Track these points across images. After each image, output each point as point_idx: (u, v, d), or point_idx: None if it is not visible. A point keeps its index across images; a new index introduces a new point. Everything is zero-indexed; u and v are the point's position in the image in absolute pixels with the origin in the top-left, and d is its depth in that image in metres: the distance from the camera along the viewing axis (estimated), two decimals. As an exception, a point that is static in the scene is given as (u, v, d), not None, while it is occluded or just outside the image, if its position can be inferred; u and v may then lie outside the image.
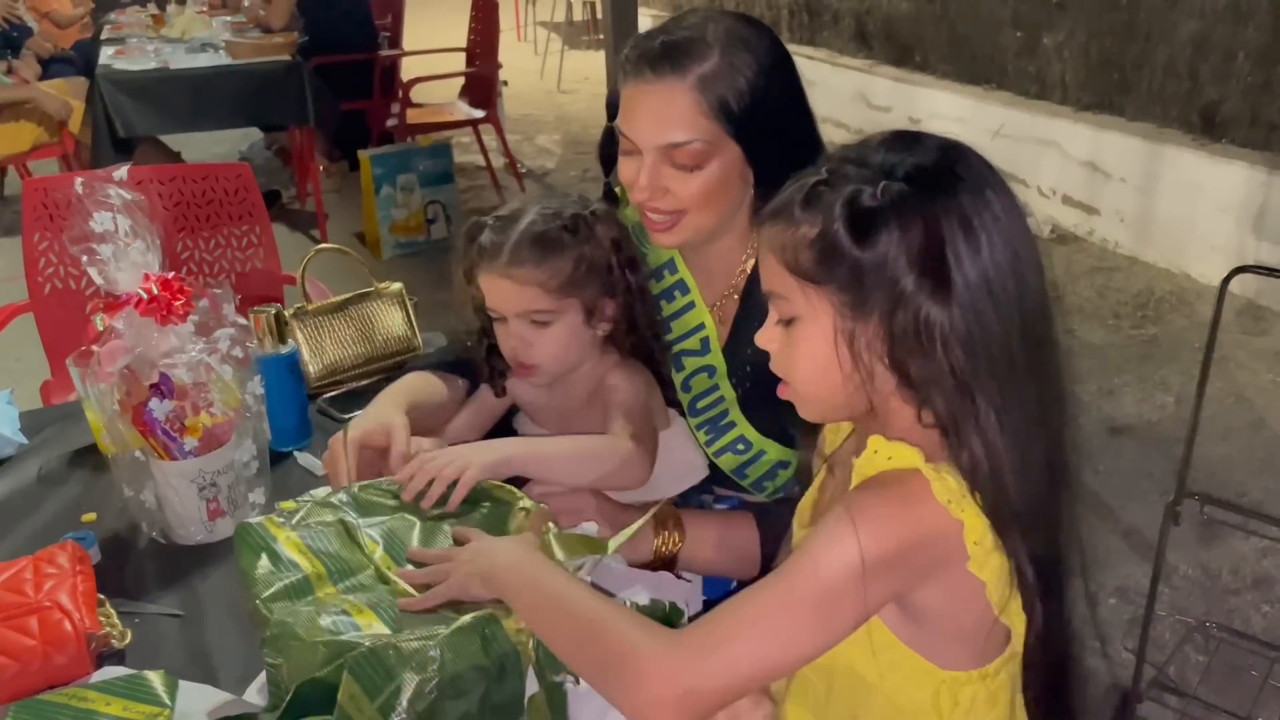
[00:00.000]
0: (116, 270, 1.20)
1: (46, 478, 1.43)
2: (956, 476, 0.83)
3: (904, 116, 5.55)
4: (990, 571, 0.83)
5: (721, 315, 1.35)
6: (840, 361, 0.85)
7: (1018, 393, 0.83)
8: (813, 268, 0.85)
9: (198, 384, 1.23)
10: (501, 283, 1.25)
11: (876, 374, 0.85)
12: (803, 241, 0.85)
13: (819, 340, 0.86)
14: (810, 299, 0.86)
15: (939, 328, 0.81)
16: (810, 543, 0.83)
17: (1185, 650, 2.19)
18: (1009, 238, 0.83)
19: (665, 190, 1.21)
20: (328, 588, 1.03)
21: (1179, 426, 2.81)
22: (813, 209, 0.85)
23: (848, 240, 0.82)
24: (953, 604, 0.85)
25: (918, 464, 0.82)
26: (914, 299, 0.81)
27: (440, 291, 1.28)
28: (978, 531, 0.81)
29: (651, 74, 1.18)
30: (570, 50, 8.44)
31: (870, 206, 0.82)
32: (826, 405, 0.92)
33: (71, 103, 4.71)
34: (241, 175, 2.39)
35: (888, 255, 0.81)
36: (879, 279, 0.82)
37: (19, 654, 1.00)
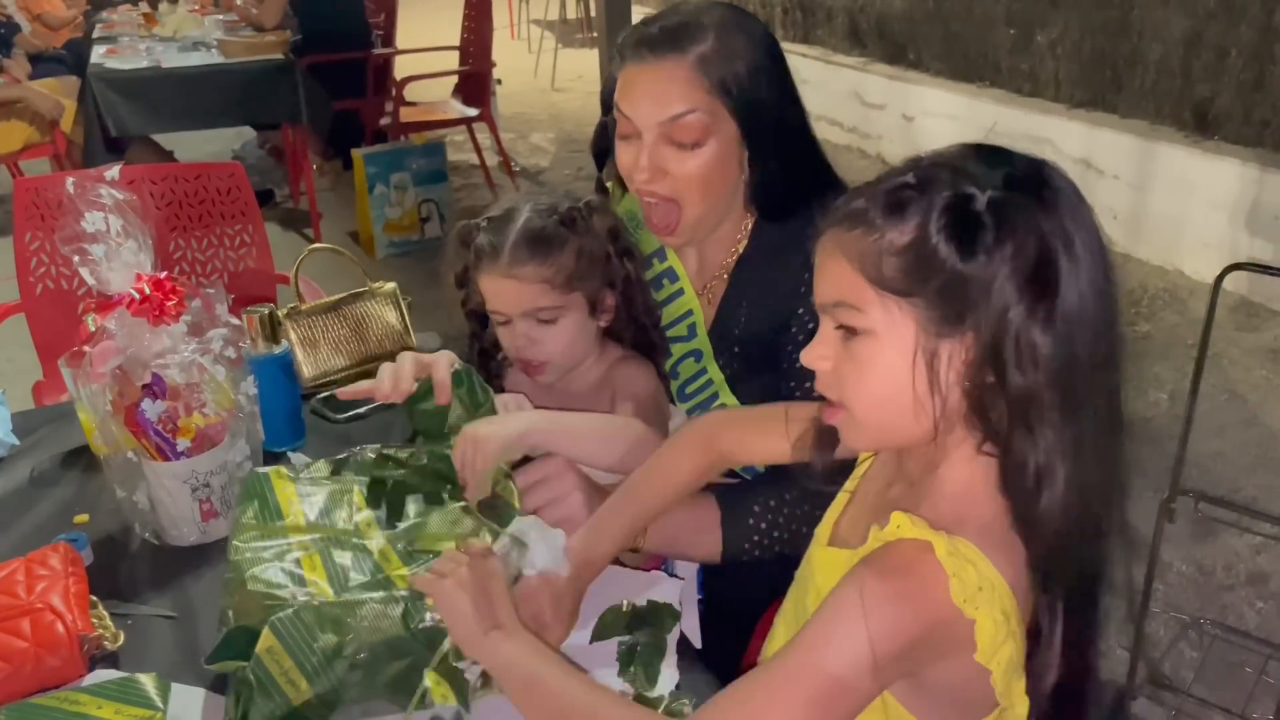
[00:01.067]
0: (108, 270, 1.20)
1: (39, 479, 1.42)
2: (979, 562, 0.78)
3: (898, 114, 5.56)
4: (999, 662, 0.78)
5: (710, 297, 1.37)
6: (915, 382, 0.79)
7: (1089, 425, 0.78)
8: (901, 278, 0.78)
9: (190, 384, 1.23)
10: (505, 283, 1.24)
11: (951, 398, 0.79)
12: (890, 249, 0.78)
13: (894, 358, 0.79)
14: (890, 312, 0.79)
15: (1037, 352, 0.75)
16: (818, 629, 0.79)
17: (1179, 647, 2.19)
18: (1101, 261, 0.78)
19: (664, 172, 1.22)
20: (301, 534, 1.08)
21: (1173, 423, 2.81)
22: (898, 216, 0.78)
23: (948, 249, 0.76)
24: (952, 683, 0.81)
25: (938, 550, 0.77)
26: (1016, 319, 0.75)
27: (434, 290, 1.27)
28: (990, 629, 0.77)
29: (651, 55, 1.21)
30: (564, 48, 8.43)
31: (976, 213, 0.76)
32: (886, 430, 0.84)
33: (63, 102, 4.69)
34: (234, 175, 2.38)
35: (995, 269, 0.75)
36: (981, 294, 0.75)
37: (11, 656, 0.99)
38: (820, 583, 0.93)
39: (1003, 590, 0.79)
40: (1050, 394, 0.76)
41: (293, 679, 0.93)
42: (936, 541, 0.78)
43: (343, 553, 1.08)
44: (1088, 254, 0.77)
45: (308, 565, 1.05)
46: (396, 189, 4.56)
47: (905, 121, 5.53)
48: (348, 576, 1.05)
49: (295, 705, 0.94)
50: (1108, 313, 0.78)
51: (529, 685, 0.88)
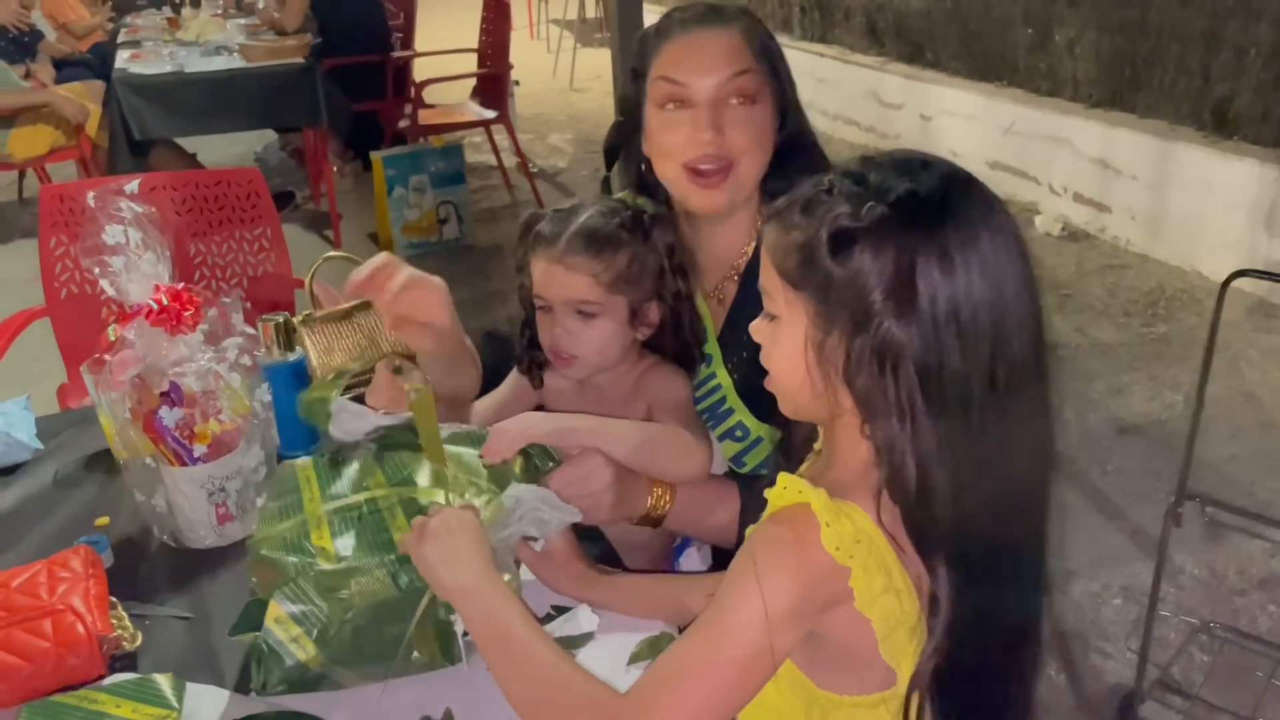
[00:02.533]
0: (128, 282, 1.23)
1: (62, 482, 1.46)
2: (859, 518, 0.85)
3: (915, 114, 5.55)
4: (878, 611, 0.85)
5: (720, 297, 1.39)
6: (808, 367, 0.88)
7: (969, 430, 0.84)
8: (794, 273, 0.87)
9: (207, 392, 1.26)
10: (554, 269, 1.27)
11: (836, 386, 0.88)
12: (791, 246, 0.88)
13: (792, 344, 0.89)
14: (790, 302, 0.89)
15: (895, 350, 0.83)
16: (721, 598, 0.86)
17: (1190, 651, 2.19)
18: (995, 280, 0.84)
19: (722, 132, 1.27)
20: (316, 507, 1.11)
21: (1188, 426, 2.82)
22: (806, 216, 0.87)
23: (825, 253, 0.85)
24: (839, 635, 0.87)
25: (815, 505, 0.85)
26: (876, 319, 0.83)
27: (452, 292, 1.30)
28: (864, 578, 0.84)
29: (700, 25, 1.31)
30: (583, 48, 8.45)
31: (850, 226, 0.84)
32: (796, 405, 0.94)
33: (88, 106, 4.76)
34: (253, 180, 2.42)
35: (858, 274, 0.83)
36: (847, 295, 0.84)
37: (33, 655, 1.03)
38: None
39: (884, 547, 0.85)
40: (921, 391, 0.83)
41: (302, 644, 1.00)
42: (813, 497, 0.85)
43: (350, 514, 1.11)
44: (975, 270, 0.83)
45: (316, 535, 1.08)
46: (415, 191, 4.61)
47: (923, 121, 5.52)
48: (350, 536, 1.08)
49: (310, 668, 1.00)
50: (998, 328, 0.84)
51: (498, 639, 0.94)
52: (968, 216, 0.85)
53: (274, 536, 1.07)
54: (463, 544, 0.99)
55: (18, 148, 4.57)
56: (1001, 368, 0.84)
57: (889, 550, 0.86)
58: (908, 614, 0.87)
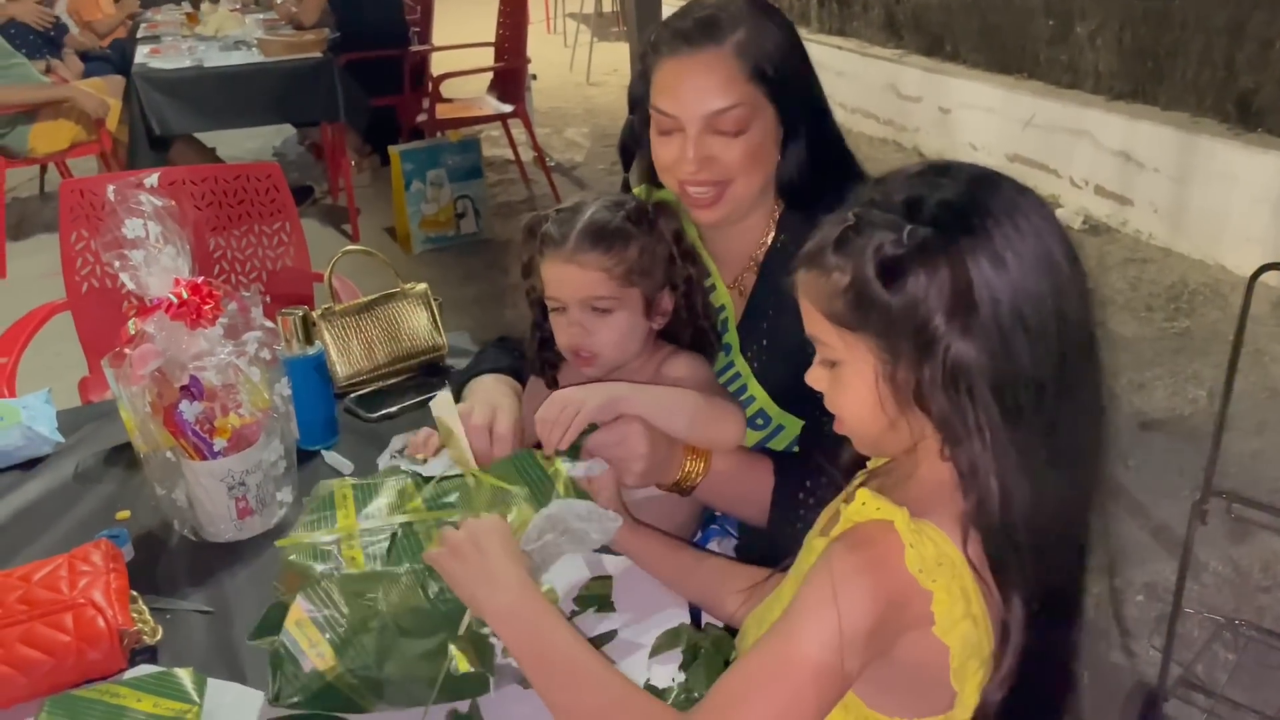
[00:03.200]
0: (148, 276, 1.24)
1: (82, 475, 1.47)
2: (940, 540, 0.83)
3: (934, 106, 5.51)
4: (956, 637, 0.83)
5: (741, 289, 1.39)
6: (884, 403, 0.86)
7: (1044, 432, 0.82)
8: (848, 315, 0.85)
9: (227, 386, 1.26)
10: (566, 269, 1.27)
11: (913, 415, 0.85)
12: (836, 290, 0.85)
13: (860, 385, 0.87)
14: (850, 345, 0.86)
15: (967, 370, 0.81)
16: (794, 614, 0.84)
17: (1214, 648, 2.17)
18: (1048, 266, 0.82)
19: (712, 160, 1.25)
20: (352, 523, 1.10)
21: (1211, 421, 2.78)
22: (843, 256, 0.85)
23: (877, 287, 0.82)
24: (912, 659, 0.85)
25: (899, 524, 0.82)
26: (944, 339, 0.81)
27: (469, 286, 1.30)
28: (946, 602, 0.81)
29: (689, 47, 1.24)
30: (600, 42, 8.43)
31: (896, 254, 0.82)
32: (874, 443, 0.92)
33: (109, 101, 4.78)
34: (272, 175, 2.42)
35: (917, 299, 0.81)
36: (910, 323, 0.82)
37: (54, 649, 1.03)
38: (800, 567, 0.97)
39: (964, 571, 0.83)
40: (996, 403, 0.81)
41: (321, 651, 0.97)
42: (896, 516, 0.83)
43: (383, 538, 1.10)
44: (1027, 262, 0.81)
45: (347, 548, 1.07)
46: (432, 185, 4.61)
47: (942, 114, 5.48)
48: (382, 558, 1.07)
49: (328, 679, 0.97)
50: (1059, 316, 0.82)
51: (546, 660, 0.92)
52: (1005, 210, 0.83)
53: (305, 545, 1.07)
54: (496, 561, 0.97)
55: (39, 142, 4.59)
56: (1070, 353, 0.83)
57: (969, 575, 0.83)
58: (982, 642, 0.85)
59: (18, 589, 1.09)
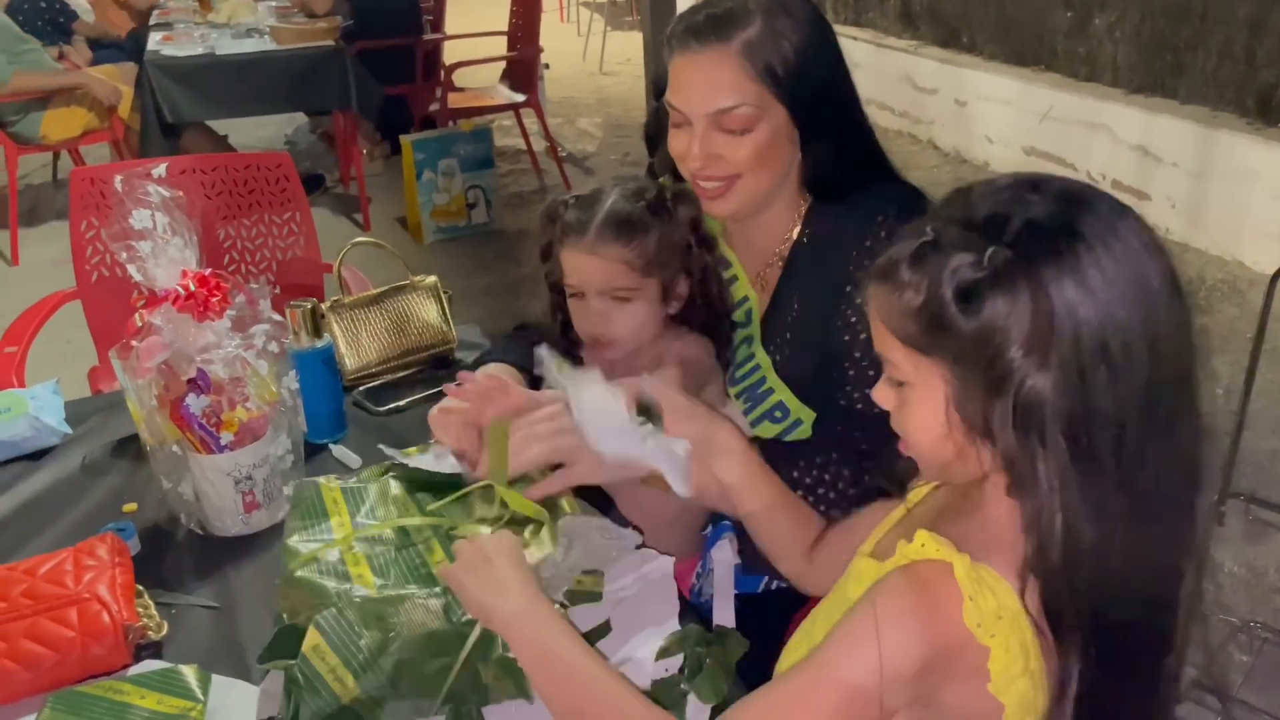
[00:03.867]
0: (155, 267, 1.22)
1: (89, 467, 1.46)
2: (1002, 592, 0.78)
3: (950, 99, 5.46)
4: (1013, 696, 0.78)
5: (764, 283, 1.37)
6: (952, 431, 0.81)
7: (1121, 478, 0.77)
8: (920, 338, 0.80)
9: (234, 379, 1.25)
10: (587, 260, 1.27)
11: (985, 446, 0.81)
12: (908, 310, 0.80)
13: (930, 410, 0.82)
14: (919, 367, 0.82)
15: (1040, 410, 0.76)
16: (836, 642, 0.81)
17: (1228, 650, 2.15)
18: (1143, 295, 0.76)
19: (718, 156, 1.24)
20: (346, 530, 1.10)
21: (1228, 420, 2.74)
22: (918, 274, 0.80)
23: (953, 311, 0.77)
24: (961, 712, 0.81)
25: (958, 572, 0.78)
26: (1018, 373, 0.76)
27: (480, 276, 1.30)
28: (1004, 659, 0.77)
29: (697, 44, 1.22)
30: (613, 31, 8.40)
31: (975, 278, 0.77)
32: (944, 472, 0.88)
33: (121, 88, 4.78)
34: (282, 164, 2.41)
35: (993, 327, 0.76)
36: (984, 352, 0.77)
37: (58, 645, 1.02)
38: (850, 591, 0.93)
39: (1024, 624, 0.78)
40: (1069, 444, 0.76)
41: (340, 676, 0.94)
42: (957, 562, 0.78)
43: (385, 548, 1.09)
44: (1119, 290, 0.76)
45: (351, 561, 1.06)
46: (444, 175, 4.59)
47: (958, 106, 5.43)
48: (390, 571, 1.06)
49: (345, 702, 0.94)
50: (1151, 350, 0.76)
51: (549, 664, 0.91)
52: (1098, 233, 0.76)
53: (308, 558, 1.05)
54: (503, 569, 0.96)
55: (52, 129, 4.59)
56: (1160, 391, 0.77)
57: (1029, 628, 0.79)
58: (1037, 699, 0.80)
59: (22, 583, 1.08)
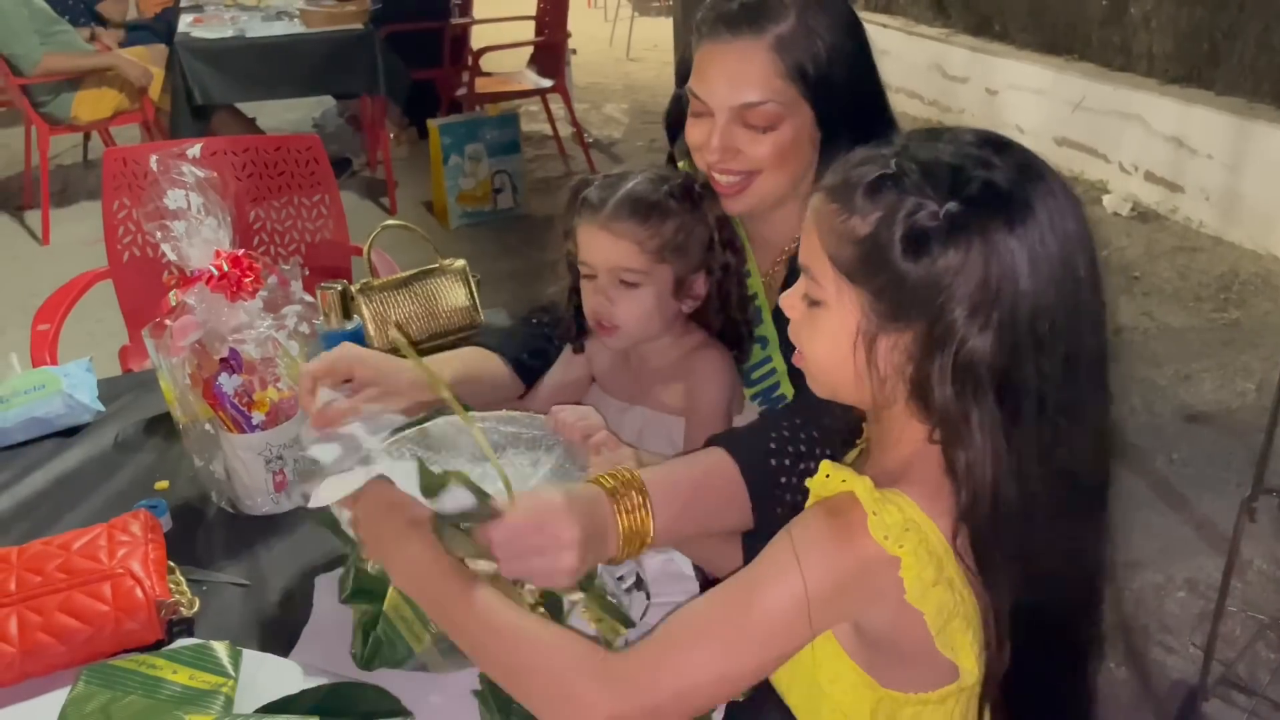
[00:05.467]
0: (189, 247, 1.23)
1: (122, 445, 1.48)
2: (906, 506, 0.81)
3: (981, 87, 5.41)
4: (930, 604, 0.81)
5: (772, 282, 1.35)
6: (855, 361, 0.83)
7: (1042, 444, 0.80)
8: (853, 265, 0.81)
9: (265, 359, 1.26)
10: (599, 235, 1.25)
11: (889, 382, 0.83)
12: (850, 234, 0.81)
13: (839, 333, 0.84)
14: (841, 292, 0.83)
15: (979, 369, 0.78)
16: (754, 570, 0.83)
17: (1256, 648, 2.13)
18: (1072, 278, 0.80)
19: (737, 151, 1.20)
20: None
21: (1260, 415, 2.71)
22: (870, 204, 0.80)
23: (898, 252, 0.79)
24: (892, 630, 0.83)
25: (861, 494, 0.81)
26: (960, 332, 0.78)
27: (506, 261, 1.30)
28: (915, 567, 0.79)
29: (728, 34, 1.18)
30: (640, 17, 8.37)
31: (930, 226, 0.78)
32: (832, 388, 0.89)
33: (152, 70, 4.80)
34: (312, 147, 2.42)
35: (940, 280, 0.78)
36: (924, 300, 0.78)
37: (92, 619, 1.04)
38: None
39: (935, 537, 0.81)
40: (996, 400, 0.79)
41: (415, 631, 0.98)
42: (858, 484, 0.81)
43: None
44: (1058, 269, 0.78)
45: None
46: (470, 160, 4.60)
47: (989, 95, 5.38)
48: None
49: (418, 652, 0.99)
50: (1074, 323, 0.80)
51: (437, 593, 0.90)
52: (1049, 210, 0.79)
53: None
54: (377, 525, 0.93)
55: (83, 110, 4.62)
56: (1079, 371, 0.80)
57: (940, 538, 0.82)
58: (962, 602, 0.83)
59: (58, 557, 1.09)
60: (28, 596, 1.05)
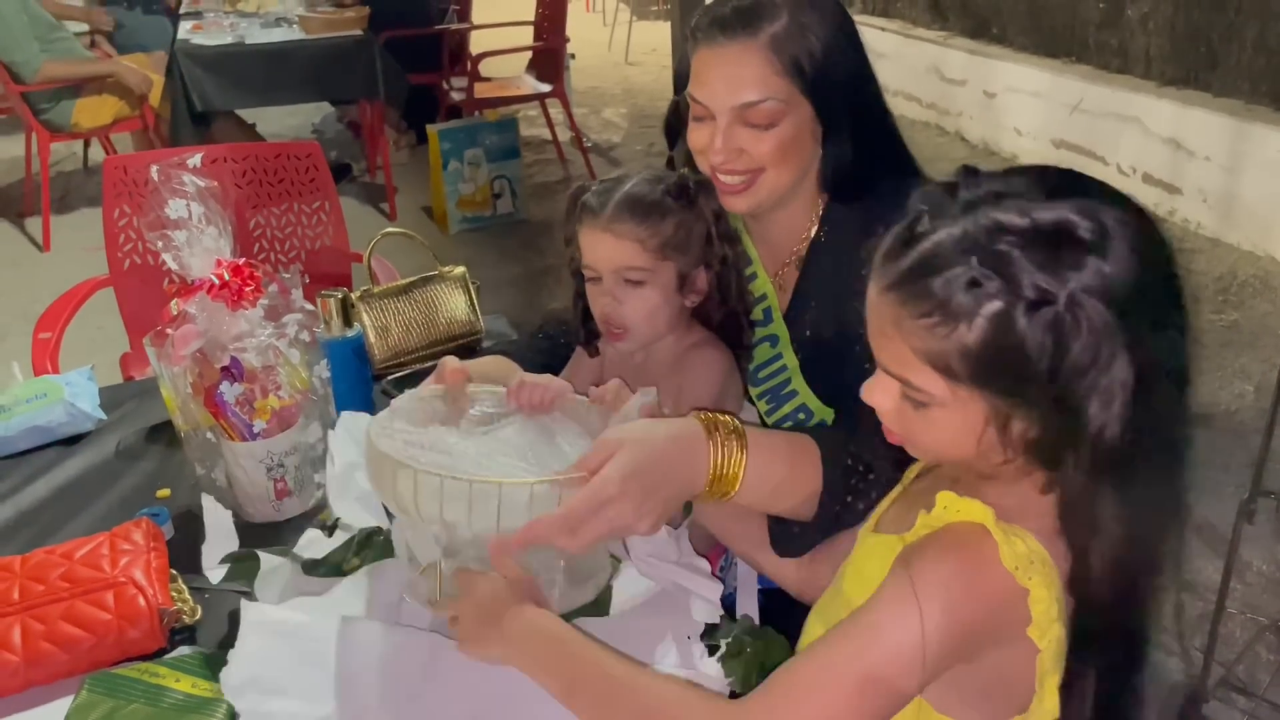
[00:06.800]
0: (190, 256, 1.24)
1: (124, 453, 1.48)
2: (1028, 539, 0.79)
3: (979, 90, 5.42)
4: (1049, 640, 0.79)
5: (782, 283, 1.36)
6: (982, 439, 0.79)
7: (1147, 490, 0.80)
8: (972, 375, 0.76)
9: (267, 367, 1.26)
10: (601, 238, 1.27)
11: (1016, 455, 0.80)
12: (958, 345, 0.75)
13: (961, 427, 0.80)
14: (959, 395, 0.78)
15: (1113, 448, 0.76)
16: (870, 616, 0.81)
17: (1256, 649, 2.13)
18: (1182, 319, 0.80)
19: (740, 150, 1.22)
20: None
21: (1257, 416, 2.72)
22: (974, 304, 0.74)
23: (1026, 356, 0.74)
24: (997, 665, 0.81)
25: (987, 522, 0.78)
26: (1096, 422, 0.75)
27: (506, 266, 1.30)
28: (1044, 600, 0.78)
29: (724, 37, 1.20)
30: (639, 21, 8.38)
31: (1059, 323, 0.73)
32: (950, 459, 0.86)
33: (151, 77, 4.81)
34: (312, 154, 2.43)
35: (1077, 388, 0.74)
36: (1062, 394, 0.75)
37: (95, 627, 1.04)
38: (861, 567, 0.93)
39: (1052, 568, 0.80)
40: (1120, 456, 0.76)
41: None
42: (986, 516, 0.78)
43: None
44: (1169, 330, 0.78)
45: None
46: (470, 165, 4.60)
47: (987, 98, 5.39)
48: None
49: None
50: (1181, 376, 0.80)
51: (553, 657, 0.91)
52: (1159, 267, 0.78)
53: None
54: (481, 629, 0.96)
55: (83, 117, 4.63)
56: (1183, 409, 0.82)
57: (1057, 577, 0.80)
58: (1064, 649, 0.82)
59: (60, 566, 1.10)
60: (31, 605, 1.05)
